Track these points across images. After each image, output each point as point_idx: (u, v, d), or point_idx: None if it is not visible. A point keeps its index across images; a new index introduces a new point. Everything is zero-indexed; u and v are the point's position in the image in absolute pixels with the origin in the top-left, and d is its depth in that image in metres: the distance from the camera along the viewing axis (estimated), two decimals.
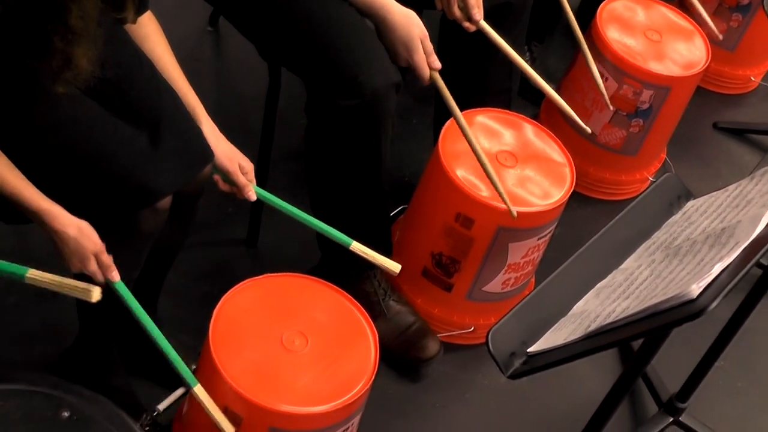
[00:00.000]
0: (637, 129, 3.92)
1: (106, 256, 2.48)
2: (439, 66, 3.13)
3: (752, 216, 2.16)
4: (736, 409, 3.51)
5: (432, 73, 3.13)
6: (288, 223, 2.76)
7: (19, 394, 2.22)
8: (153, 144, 2.59)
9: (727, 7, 4.51)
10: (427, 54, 3.10)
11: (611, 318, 2.07)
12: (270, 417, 2.60)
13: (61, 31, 2.31)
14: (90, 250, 2.46)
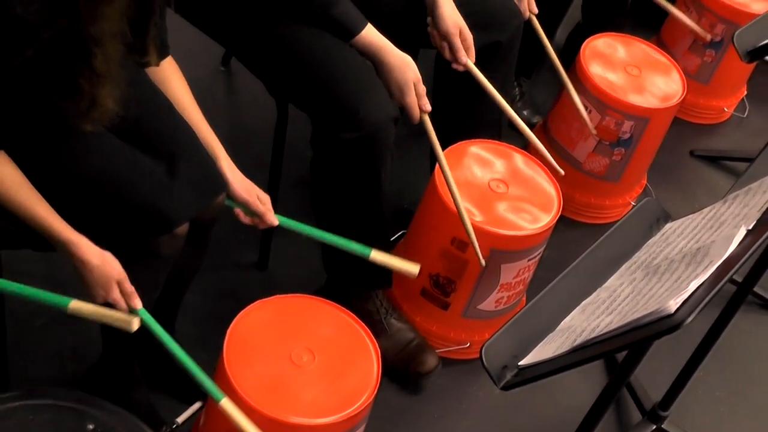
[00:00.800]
0: (619, 157, 3.92)
1: (128, 285, 2.49)
2: (428, 109, 3.14)
3: (725, 236, 2.16)
4: (715, 417, 3.51)
5: (422, 114, 3.15)
6: (296, 247, 2.77)
7: (47, 409, 2.22)
8: (170, 175, 2.60)
9: (701, 44, 4.51)
10: (418, 96, 3.12)
11: (596, 332, 2.06)
12: (280, 428, 2.59)
13: (87, 74, 2.33)
14: (113, 278, 2.47)
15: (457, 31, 3.26)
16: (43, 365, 2.61)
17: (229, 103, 4.07)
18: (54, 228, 2.44)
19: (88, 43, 2.30)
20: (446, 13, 3.26)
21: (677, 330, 1.96)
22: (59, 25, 2.25)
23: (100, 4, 2.26)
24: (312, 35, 3.11)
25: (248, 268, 3.53)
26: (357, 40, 3.10)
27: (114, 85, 2.39)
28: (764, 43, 3.31)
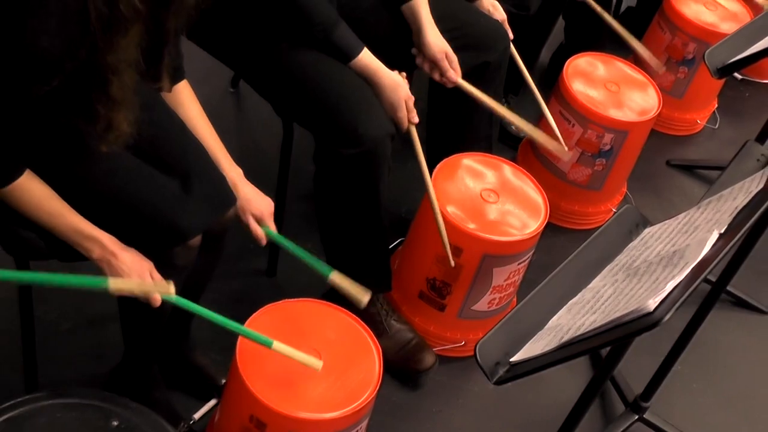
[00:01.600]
0: (600, 167, 3.93)
1: (156, 273, 2.51)
2: (416, 120, 3.18)
3: (699, 240, 2.16)
4: (693, 407, 3.51)
5: (409, 126, 3.17)
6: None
7: (75, 407, 2.22)
8: (184, 191, 2.61)
9: (675, 62, 4.54)
10: (408, 111, 3.14)
11: (582, 330, 2.06)
12: (290, 423, 2.60)
13: (104, 100, 2.33)
14: (146, 266, 2.49)
15: (443, 56, 3.29)
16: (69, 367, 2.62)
17: (239, 122, 4.06)
18: (86, 230, 2.45)
19: (105, 72, 2.30)
20: (431, 40, 3.29)
21: (656, 327, 1.97)
22: (79, 56, 2.25)
23: (115, 36, 2.26)
24: (314, 58, 3.12)
25: (258, 274, 3.54)
26: (354, 63, 3.12)
27: (129, 110, 2.39)
28: (733, 60, 3.32)
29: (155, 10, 2.38)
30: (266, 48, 3.16)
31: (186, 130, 2.73)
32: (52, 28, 2.18)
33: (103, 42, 2.25)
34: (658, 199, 4.31)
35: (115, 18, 2.22)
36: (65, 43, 2.21)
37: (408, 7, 3.31)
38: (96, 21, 2.21)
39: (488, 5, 3.59)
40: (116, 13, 2.21)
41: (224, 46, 3.26)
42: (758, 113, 4.66)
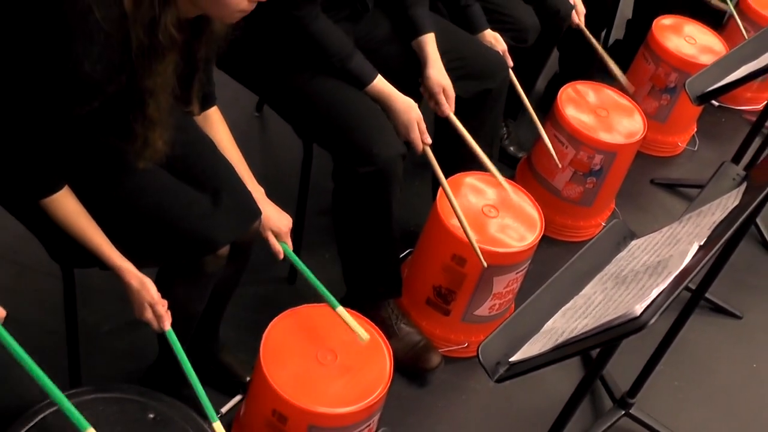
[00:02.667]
0: (591, 185, 3.92)
1: (160, 308, 2.50)
2: (429, 141, 3.17)
3: (681, 251, 2.16)
4: (675, 403, 3.50)
5: (424, 147, 3.17)
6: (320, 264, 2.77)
7: (115, 401, 2.22)
8: (214, 205, 2.61)
9: (658, 90, 4.53)
10: (421, 132, 3.14)
11: (575, 333, 2.06)
12: (309, 417, 2.62)
13: (141, 120, 2.35)
14: (147, 301, 2.49)
15: (441, 90, 3.29)
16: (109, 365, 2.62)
17: (263, 143, 4.05)
18: (105, 255, 2.47)
19: (143, 95, 2.32)
20: (433, 74, 3.29)
21: (642, 330, 1.97)
22: (120, 80, 2.27)
23: (153, 62, 2.28)
24: (332, 85, 3.12)
25: (280, 282, 3.53)
26: (369, 89, 3.12)
27: (164, 129, 2.40)
28: (711, 89, 3.31)
29: (189, 40, 2.40)
30: (288, 76, 3.16)
31: (216, 150, 2.73)
32: (95, 55, 2.19)
33: (142, 68, 2.27)
34: (644, 214, 4.30)
35: (154, 46, 2.25)
36: (107, 68, 2.22)
37: (417, 42, 3.31)
38: (136, 49, 2.24)
39: (491, 38, 3.60)
40: (155, 42, 2.24)
41: (250, 74, 3.26)
42: (734, 136, 4.65)
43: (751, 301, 4.00)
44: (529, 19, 3.83)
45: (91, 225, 2.45)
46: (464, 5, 3.58)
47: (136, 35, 2.22)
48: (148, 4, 2.20)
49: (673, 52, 4.45)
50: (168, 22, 2.23)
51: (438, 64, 3.30)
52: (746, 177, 2.75)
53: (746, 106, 5.14)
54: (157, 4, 2.20)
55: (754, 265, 4.21)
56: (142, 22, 2.21)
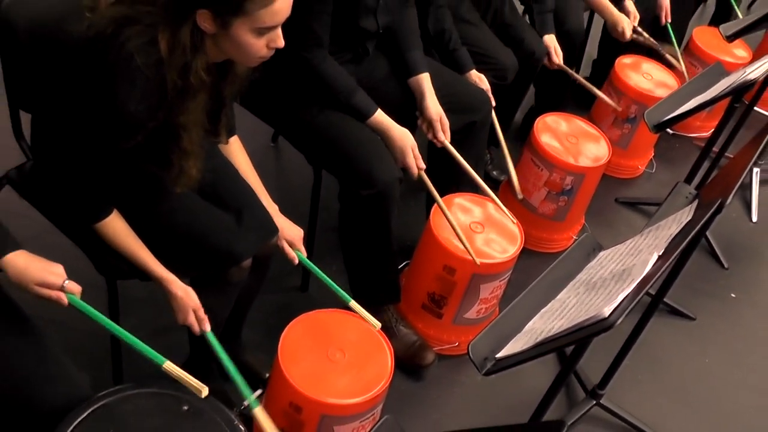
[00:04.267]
0: (563, 203, 3.93)
1: (201, 312, 2.51)
2: (423, 167, 3.18)
3: (643, 260, 2.18)
4: (639, 394, 3.51)
5: (419, 171, 3.17)
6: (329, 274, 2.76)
7: (153, 395, 2.24)
8: (237, 223, 2.63)
9: (621, 120, 4.54)
10: (415, 158, 3.14)
11: (552, 332, 2.07)
12: (321, 407, 2.63)
13: (177, 151, 2.37)
14: (190, 308, 2.50)
15: (438, 118, 3.29)
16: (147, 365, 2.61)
17: (278, 170, 4.05)
18: (151, 269, 2.48)
19: (178, 129, 2.34)
20: (429, 105, 3.30)
21: (610, 329, 1.98)
22: (158, 117, 2.29)
23: (186, 101, 2.30)
24: (338, 118, 3.13)
25: (294, 290, 3.53)
26: (370, 121, 3.13)
27: (196, 159, 2.42)
28: (666, 118, 3.33)
29: (216, 81, 2.42)
30: (300, 110, 3.17)
31: (238, 174, 2.74)
32: (137, 96, 2.21)
33: (177, 106, 2.30)
34: (609, 229, 4.29)
35: (187, 87, 2.27)
36: (147, 107, 2.24)
37: (414, 80, 3.33)
38: (172, 90, 2.25)
39: (476, 77, 3.61)
40: (187, 83, 2.26)
41: (267, 110, 3.28)
42: (686, 160, 4.65)
43: (703, 305, 4.00)
44: (508, 60, 3.84)
45: (138, 243, 2.47)
46: (452, 49, 3.61)
47: (171, 78, 2.24)
48: (181, 51, 2.22)
49: (633, 87, 4.47)
50: (198, 66, 2.26)
51: (434, 98, 3.31)
52: (697, 195, 2.77)
53: (696, 134, 5.14)
54: (189, 51, 2.23)
55: (705, 273, 4.21)
56: (177, 67, 2.23)
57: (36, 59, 2.59)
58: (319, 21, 2.98)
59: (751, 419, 3.58)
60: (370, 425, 2.78)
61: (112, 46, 2.20)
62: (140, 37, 2.21)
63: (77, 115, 2.30)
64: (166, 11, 2.23)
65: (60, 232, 2.69)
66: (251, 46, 2.29)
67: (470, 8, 3.88)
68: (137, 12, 2.25)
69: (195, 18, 2.23)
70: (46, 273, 2.21)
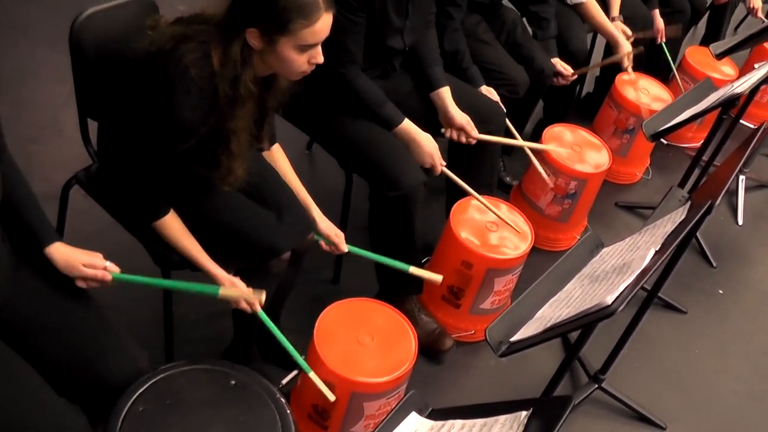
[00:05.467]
0: (568, 206, 3.94)
1: (251, 297, 2.51)
2: (444, 163, 3.20)
3: (641, 255, 2.20)
4: (635, 380, 3.51)
5: (443, 168, 3.20)
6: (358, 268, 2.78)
7: (204, 371, 2.25)
8: (278, 220, 2.65)
9: (621, 131, 4.54)
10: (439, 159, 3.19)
11: (560, 319, 2.09)
12: (352, 385, 2.64)
13: (226, 153, 2.39)
14: (241, 296, 2.51)
15: (467, 122, 3.32)
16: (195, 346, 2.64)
17: (312, 174, 4.05)
18: (202, 263, 2.51)
19: (228, 134, 2.36)
20: (455, 114, 3.32)
21: (612, 315, 2.00)
22: (210, 123, 2.31)
23: (235, 109, 2.32)
24: (368, 127, 3.15)
25: (326, 282, 3.56)
26: (397, 130, 3.15)
27: (243, 161, 2.44)
28: (661, 129, 3.34)
29: (262, 93, 2.43)
30: (335, 120, 3.19)
31: (279, 177, 2.76)
32: (192, 104, 2.24)
33: (227, 113, 2.32)
34: (609, 230, 4.29)
35: (236, 97, 2.30)
36: (201, 114, 2.27)
37: (436, 93, 3.35)
38: (223, 98, 2.28)
39: (486, 92, 3.62)
40: (237, 93, 2.29)
41: (304, 119, 3.29)
42: (679, 168, 4.61)
43: (693, 300, 4.00)
44: (520, 76, 3.85)
45: (190, 239, 2.50)
46: (465, 67, 3.61)
47: (222, 88, 2.27)
48: (232, 65, 2.26)
49: (632, 101, 4.46)
50: (247, 78, 2.29)
51: (454, 109, 3.33)
52: (689, 198, 2.79)
53: (688, 144, 5.13)
54: (239, 64, 2.26)
55: (695, 272, 4.20)
56: (227, 79, 2.27)
57: (103, 72, 2.62)
58: (353, 40, 3.00)
59: (735, 403, 3.58)
60: (395, 402, 2.70)
61: (171, 60, 2.24)
62: (195, 52, 2.25)
63: (139, 121, 2.33)
64: (219, 30, 2.28)
65: (119, 227, 2.71)
66: (294, 61, 2.32)
67: (486, 29, 3.90)
68: (193, 30, 2.29)
69: (245, 36, 2.26)
70: (91, 255, 2.25)
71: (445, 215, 3.53)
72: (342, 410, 2.71)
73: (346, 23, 2.92)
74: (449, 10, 3.53)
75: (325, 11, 2.28)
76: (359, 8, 2.94)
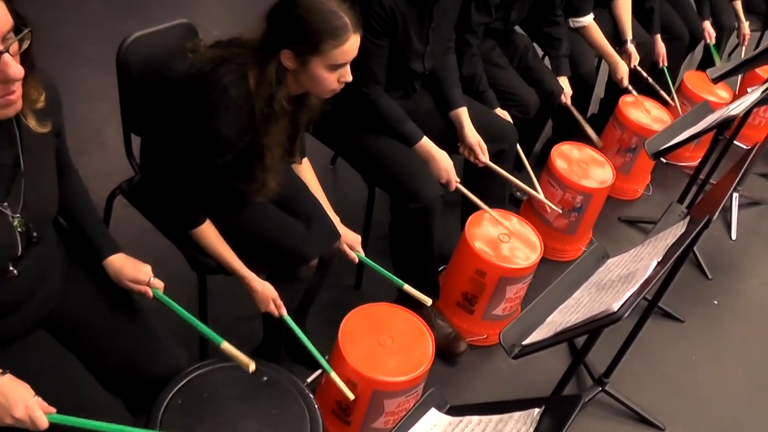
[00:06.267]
0: (574, 219, 3.94)
1: (279, 300, 2.54)
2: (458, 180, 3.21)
3: (644, 265, 2.21)
4: (636, 384, 3.50)
5: (457, 185, 3.20)
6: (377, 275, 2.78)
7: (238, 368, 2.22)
8: (306, 229, 2.66)
9: (624, 149, 4.55)
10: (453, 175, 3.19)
11: (569, 324, 2.10)
12: (373, 384, 2.65)
13: (260, 167, 2.41)
14: (269, 299, 2.53)
15: (477, 143, 3.32)
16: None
17: (337, 187, 4.04)
18: (236, 268, 2.52)
19: (263, 149, 2.38)
20: (469, 133, 3.33)
21: (618, 321, 2.00)
22: (246, 138, 2.33)
23: (270, 126, 2.35)
24: (389, 144, 3.17)
25: (349, 288, 3.57)
26: (417, 147, 3.16)
27: (276, 174, 2.46)
28: (662, 148, 3.34)
29: (295, 110, 2.46)
30: (359, 137, 3.20)
31: (307, 189, 2.78)
32: (230, 121, 2.26)
33: (262, 129, 2.34)
34: (613, 242, 4.27)
35: (271, 114, 2.32)
36: (238, 130, 2.29)
37: (454, 113, 3.36)
38: (259, 116, 2.30)
39: (500, 113, 3.64)
40: (272, 111, 2.31)
41: (331, 136, 3.29)
42: (677, 185, 4.64)
43: (690, 310, 3.99)
44: (531, 98, 3.86)
45: (225, 246, 2.51)
46: (481, 90, 3.62)
47: (258, 106, 2.29)
48: (268, 85, 2.28)
49: (634, 122, 4.47)
50: (281, 97, 2.31)
51: (471, 128, 3.34)
52: (688, 213, 2.77)
53: (685, 163, 5.13)
54: (274, 84, 2.29)
55: (692, 283, 4.19)
56: (263, 98, 2.29)
57: (146, 91, 2.65)
58: (377, 62, 3.01)
59: (729, 406, 3.57)
60: (414, 400, 2.77)
61: (211, 81, 2.27)
62: (233, 73, 2.28)
63: (180, 137, 2.35)
64: (255, 52, 2.30)
65: (158, 233, 2.73)
66: (325, 80, 2.35)
67: (500, 54, 3.92)
68: (231, 53, 2.32)
69: (279, 57, 2.29)
70: (137, 271, 2.24)
71: (460, 227, 3.53)
72: (364, 407, 2.72)
73: (370, 46, 2.94)
74: (467, 38, 3.55)
75: (353, 32, 2.31)
76: (382, 32, 2.96)
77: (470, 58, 3.58)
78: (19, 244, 1.94)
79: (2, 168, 1.89)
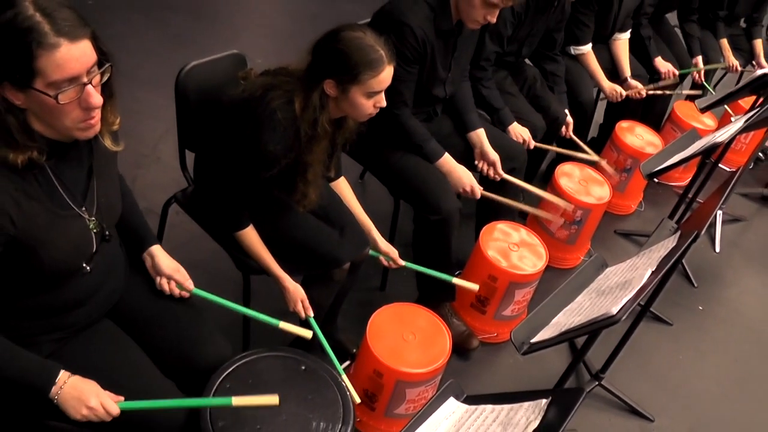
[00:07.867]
0: (575, 231, 3.93)
1: (306, 302, 2.54)
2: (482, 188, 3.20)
3: (640, 274, 2.19)
4: (629, 379, 3.49)
5: (482, 192, 3.19)
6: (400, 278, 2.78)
7: (278, 357, 2.27)
8: (340, 236, 2.67)
9: (620, 170, 4.52)
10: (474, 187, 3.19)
11: (572, 325, 2.09)
12: (397, 374, 2.65)
13: (302, 181, 2.43)
14: (298, 299, 2.53)
15: (495, 161, 3.32)
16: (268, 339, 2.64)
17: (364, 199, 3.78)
18: (271, 268, 2.53)
19: (306, 165, 2.40)
20: (488, 151, 3.33)
21: (616, 324, 1.99)
22: (290, 155, 2.35)
23: (313, 145, 2.37)
24: (414, 161, 3.16)
25: (375, 289, 3.57)
26: (439, 163, 3.16)
27: (316, 187, 2.48)
28: (656, 170, 3.33)
29: (334, 131, 2.47)
30: (387, 154, 3.20)
31: (342, 202, 2.79)
32: (276, 140, 2.28)
33: (306, 148, 2.36)
34: (609, 252, 4.25)
35: (314, 135, 2.34)
36: (283, 148, 2.31)
37: (473, 134, 3.37)
38: (303, 136, 2.32)
39: (519, 129, 3.64)
40: (315, 132, 2.33)
41: (361, 152, 3.28)
42: (667, 203, 4.65)
43: (678, 314, 3.97)
44: (538, 123, 3.85)
45: (264, 249, 2.52)
46: (497, 108, 3.63)
47: (303, 128, 2.31)
48: (312, 110, 2.30)
49: (629, 146, 4.46)
50: (324, 120, 2.33)
51: (489, 147, 3.34)
52: (678, 228, 2.76)
53: (675, 183, 5.10)
54: (318, 109, 2.30)
55: (680, 290, 4.17)
56: (308, 121, 2.31)
57: (200, 113, 2.67)
58: (407, 87, 3.02)
59: (711, 401, 3.55)
60: (432, 390, 2.77)
61: (260, 105, 2.29)
62: (281, 98, 2.30)
63: (231, 153, 2.37)
64: (301, 81, 2.33)
65: (207, 237, 2.74)
66: (363, 106, 2.37)
67: (512, 83, 3.92)
68: (279, 81, 2.34)
69: (323, 86, 2.31)
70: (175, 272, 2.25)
71: (474, 237, 3.54)
72: (388, 395, 2.72)
73: (402, 73, 2.95)
74: (483, 64, 3.56)
75: (388, 64, 2.32)
76: (414, 61, 2.97)
77: (486, 81, 3.60)
78: (94, 242, 1.98)
79: (81, 178, 1.93)
